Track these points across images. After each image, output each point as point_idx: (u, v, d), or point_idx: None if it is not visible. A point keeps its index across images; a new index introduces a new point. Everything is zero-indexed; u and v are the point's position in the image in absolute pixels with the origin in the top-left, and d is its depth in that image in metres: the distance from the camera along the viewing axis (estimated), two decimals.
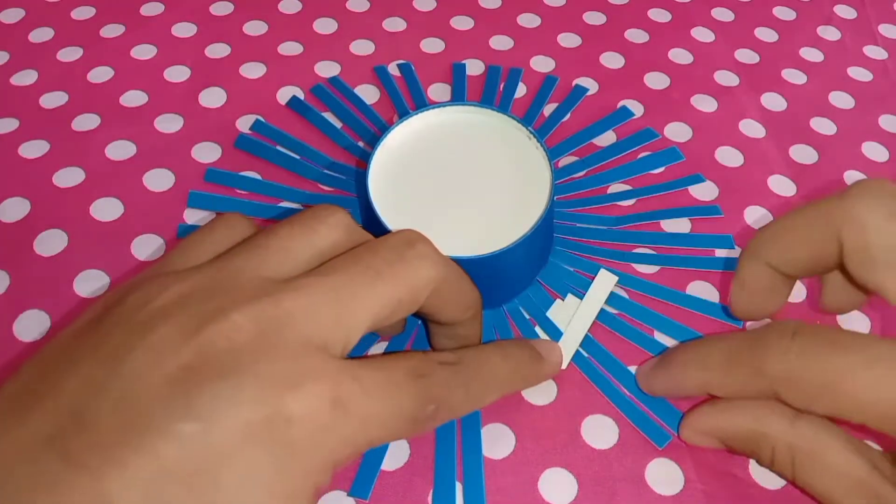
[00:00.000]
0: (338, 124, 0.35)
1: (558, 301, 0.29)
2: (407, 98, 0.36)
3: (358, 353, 0.27)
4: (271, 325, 0.18)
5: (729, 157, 0.34)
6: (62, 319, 0.28)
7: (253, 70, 0.37)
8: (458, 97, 0.36)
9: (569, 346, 0.28)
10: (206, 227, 0.22)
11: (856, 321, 0.29)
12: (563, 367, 0.27)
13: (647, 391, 0.26)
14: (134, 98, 0.36)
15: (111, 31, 0.39)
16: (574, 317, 0.28)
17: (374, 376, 0.19)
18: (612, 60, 0.39)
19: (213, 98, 0.36)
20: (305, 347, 0.18)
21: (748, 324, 0.28)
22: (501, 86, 0.37)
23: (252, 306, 0.18)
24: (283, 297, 0.19)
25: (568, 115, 0.35)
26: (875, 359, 0.20)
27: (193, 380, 0.17)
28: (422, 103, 0.35)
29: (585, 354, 0.28)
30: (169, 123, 0.35)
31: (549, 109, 0.36)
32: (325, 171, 0.33)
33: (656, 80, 0.38)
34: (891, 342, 0.20)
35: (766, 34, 0.40)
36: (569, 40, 0.40)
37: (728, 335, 0.24)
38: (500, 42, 0.39)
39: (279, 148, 0.34)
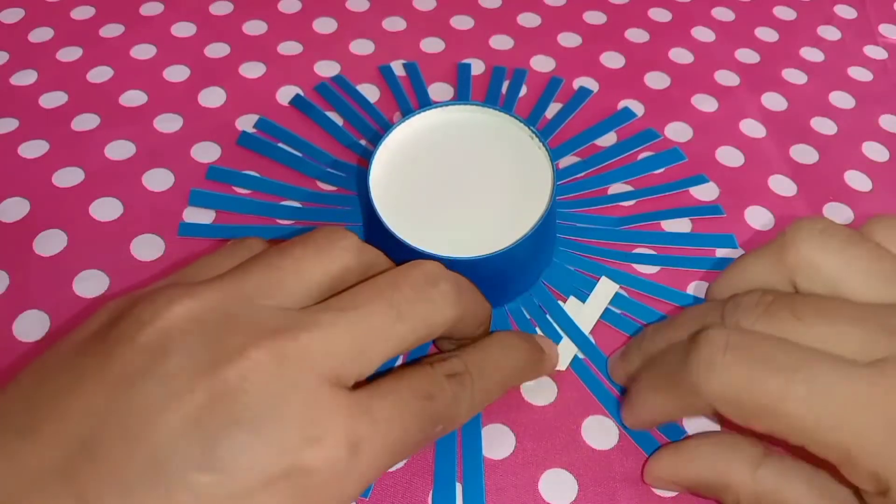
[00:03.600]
0: (341, 123, 0.35)
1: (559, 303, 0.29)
2: (411, 98, 0.36)
3: None
4: (289, 364, 0.18)
5: (729, 156, 0.34)
6: (62, 319, 0.28)
7: (252, 70, 0.37)
8: (462, 97, 0.36)
9: (569, 349, 0.28)
10: (226, 249, 0.22)
11: None
12: (563, 368, 0.27)
13: (630, 426, 0.26)
14: (134, 98, 0.36)
15: (111, 30, 0.39)
16: (575, 321, 0.28)
17: (384, 407, 0.19)
18: (612, 60, 0.39)
19: (212, 98, 0.36)
20: (322, 386, 0.18)
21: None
22: (505, 86, 0.37)
23: (271, 342, 0.18)
24: (301, 332, 0.18)
25: (571, 117, 0.35)
26: (812, 380, 0.19)
27: (209, 424, 0.17)
28: (426, 104, 0.35)
29: (581, 357, 0.28)
30: (168, 123, 0.35)
31: (553, 110, 0.36)
32: (328, 170, 0.33)
33: (656, 80, 0.38)
34: (829, 359, 0.19)
35: (766, 34, 0.40)
36: (569, 40, 0.39)
37: (670, 348, 0.23)
38: (501, 42, 0.39)
39: (282, 145, 0.34)
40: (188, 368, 0.17)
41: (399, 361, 0.27)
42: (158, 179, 0.33)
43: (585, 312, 0.28)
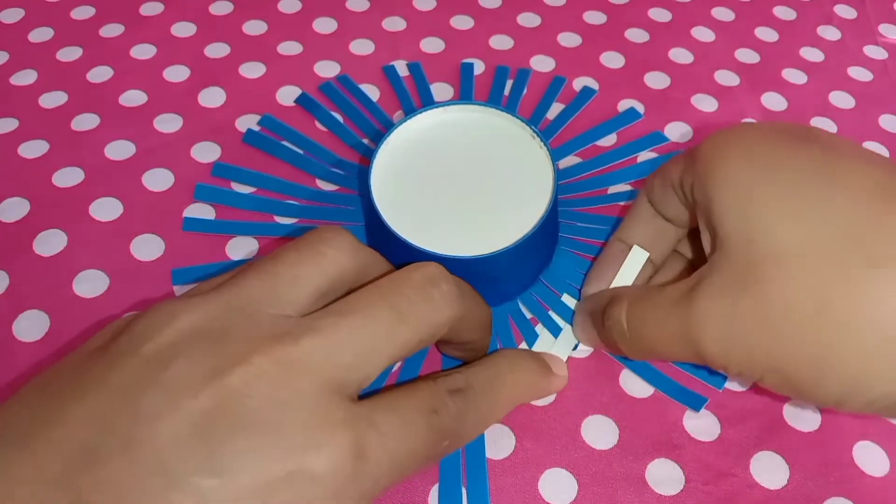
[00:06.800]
0: (344, 122, 0.35)
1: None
2: (415, 98, 0.36)
3: None
4: (291, 369, 0.18)
5: None
6: (62, 319, 0.28)
7: (252, 70, 0.37)
8: (465, 96, 0.36)
9: (568, 342, 0.28)
10: (228, 273, 0.22)
11: None
12: (562, 360, 0.27)
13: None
14: (133, 98, 0.36)
15: (111, 30, 0.39)
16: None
17: (389, 421, 0.19)
18: (612, 60, 0.39)
19: (212, 98, 0.36)
20: (324, 393, 0.18)
21: None
22: (508, 86, 0.37)
23: (272, 349, 0.18)
24: (303, 337, 0.18)
25: (574, 117, 0.35)
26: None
27: (212, 429, 0.17)
28: (429, 104, 0.35)
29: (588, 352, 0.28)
30: (168, 123, 0.35)
31: (555, 110, 0.36)
32: (331, 169, 0.33)
33: (656, 80, 0.38)
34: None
35: (766, 34, 0.40)
36: (569, 40, 0.40)
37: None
38: (501, 42, 0.39)
39: (286, 143, 0.34)
40: (191, 375, 0.17)
41: (396, 367, 0.27)
42: (158, 179, 0.33)
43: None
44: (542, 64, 0.38)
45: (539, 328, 0.28)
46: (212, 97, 0.36)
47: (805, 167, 0.21)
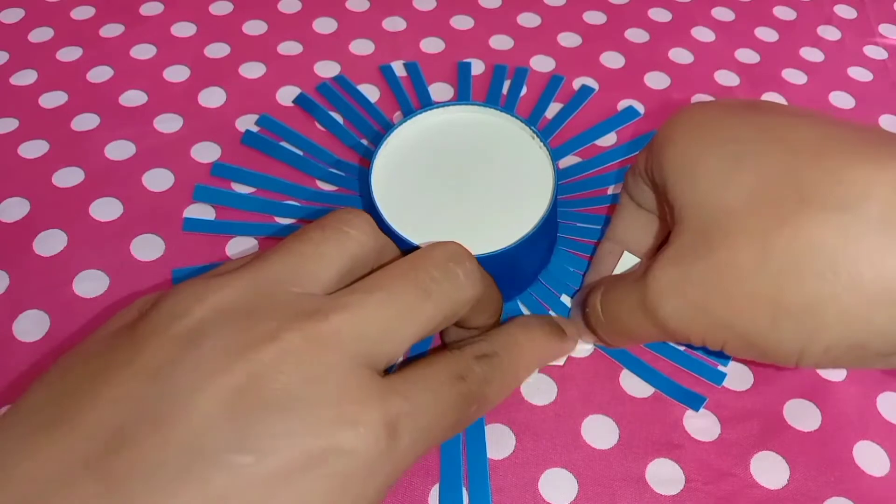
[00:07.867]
0: (343, 123, 0.35)
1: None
2: (412, 98, 0.36)
3: None
4: (320, 345, 0.18)
5: None
6: (62, 319, 0.28)
7: (252, 70, 0.37)
8: (462, 96, 0.36)
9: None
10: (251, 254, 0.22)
11: None
12: (560, 363, 0.27)
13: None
14: (133, 98, 0.36)
15: (111, 30, 0.39)
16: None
17: (419, 391, 0.19)
18: (612, 60, 0.39)
19: (212, 98, 0.36)
20: (354, 368, 0.18)
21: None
22: (506, 86, 0.37)
23: (301, 325, 0.18)
24: (332, 314, 0.18)
25: (572, 116, 0.35)
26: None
27: (245, 407, 0.17)
28: (427, 103, 0.35)
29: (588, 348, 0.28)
30: (168, 123, 0.35)
31: (553, 109, 0.36)
32: (330, 169, 0.33)
33: (656, 80, 0.38)
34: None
35: (766, 34, 0.40)
36: (569, 40, 0.40)
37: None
38: (501, 42, 0.39)
39: (284, 144, 0.34)
40: (221, 353, 0.17)
41: (400, 359, 0.27)
42: (158, 179, 0.33)
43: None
44: (542, 64, 0.38)
45: None
46: (212, 97, 0.36)
47: (749, 134, 0.21)
